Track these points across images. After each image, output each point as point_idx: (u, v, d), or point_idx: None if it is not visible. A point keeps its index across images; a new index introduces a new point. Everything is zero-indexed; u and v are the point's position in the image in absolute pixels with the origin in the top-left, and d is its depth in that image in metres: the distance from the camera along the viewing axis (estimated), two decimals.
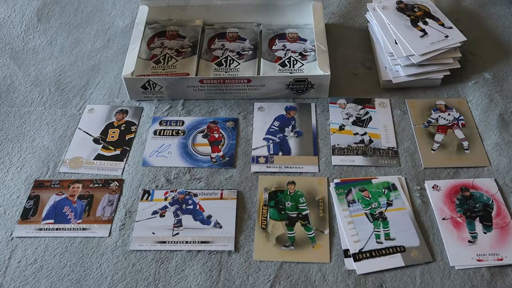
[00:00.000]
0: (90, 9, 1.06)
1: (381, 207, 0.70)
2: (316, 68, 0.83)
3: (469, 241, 0.66)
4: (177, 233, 0.68)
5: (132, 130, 0.82)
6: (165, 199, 0.72)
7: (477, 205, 0.70)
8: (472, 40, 0.91)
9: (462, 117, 0.82)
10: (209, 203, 0.71)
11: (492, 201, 0.70)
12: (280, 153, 0.78)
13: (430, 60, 0.84)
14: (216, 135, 0.81)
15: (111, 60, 0.94)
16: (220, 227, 0.69)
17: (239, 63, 0.89)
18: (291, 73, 0.86)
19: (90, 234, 0.69)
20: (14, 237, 0.69)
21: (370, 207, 0.70)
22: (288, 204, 0.71)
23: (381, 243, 0.66)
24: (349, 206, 0.70)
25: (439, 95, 0.86)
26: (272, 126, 0.82)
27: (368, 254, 0.65)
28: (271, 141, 0.80)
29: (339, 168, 0.76)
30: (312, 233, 0.68)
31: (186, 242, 0.67)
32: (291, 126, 0.82)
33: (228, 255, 0.66)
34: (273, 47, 0.91)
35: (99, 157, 0.78)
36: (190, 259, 0.66)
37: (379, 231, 0.68)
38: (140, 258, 0.66)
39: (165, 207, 0.71)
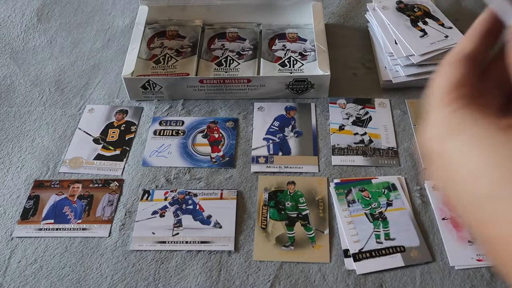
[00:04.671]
0: (90, 9, 1.06)
1: (381, 207, 0.70)
2: (316, 68, 0.83)
3: (469, 241, 0.66)
4: (177, 233, 0.68)
5: (132, 130, 0.82)
6: (165, 199, 0.72)
7: None
8: None
9: None
10: (209, 203, 0.71)
11: None
12: (280, 153, 0.78)
13: (430, 60, 0.84)
14: (216, 135, 0.81)
15: (111, 60, 0.94)
16: (220, 227, 0.69)
17: (239, 63, 0.89)
18: (291, 73, 0.86)
19: (90, 234, 0.69)
20: (14, 237, 0.69)
21: (370, 207, 0.70)
22: (288, 204, 0.71)
23: (381, 243, 0.66)
24: (349, 206, 0.70)
25: None
26: (272, 126, 0.82)
27: (368, 254, 0.65)
28: (271, 141, 0.80)
29: (339, 168, 0.76)
30: (312, 233, 0.68)
31: (186, 242, 0.67)
32: (291, 126, 0.82)
33: (228, 255, 0.66)
34: (273, 47, 0.91)
35: (99, 157, 0.78)
36: (190, 259, 0.66)
37: (379, 231, 0.68)
38: (140, 258, 0.66)
39: (165, 207, 0.71)
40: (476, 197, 0.24)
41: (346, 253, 0.66)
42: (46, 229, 0.69)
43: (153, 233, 0.68)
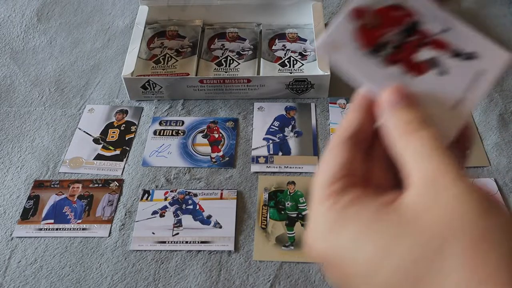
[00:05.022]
0: (90, 9, 1.06)
1: None
2: (316, 68, 0.83)
3: None
4: (177, 233, 0.68)
5: (132, 130, 0.82)
6: (165, 199, 0.72)
7: None
8: None
9: None
10: (209, 203, 0.71)
11: None
12: (280, 153, 0.78)
13: None
14: (216, 135, 0.81)
15: (111, 60, 0.94)
16: (220, 227, 0.69)
17: (239, 63, 0.89)
18: (291, 73, 0.86)
19: (90, 234, 0.69)
20: (14, 237, 0.69)
21: None
22: (288, 204, 0.71)
23: None
24: None
25: None
26: (272, 126, 0.82)
27: None
28: (271, 141, 0.80)
29: None
30: None
31: (186, 242, 0.67)
32: (291, 126, 0.82)
33: (228, 255, 0.66)
34: (273, 47, 0.92)
35: (99, 157, 0.78)
36: (190, 259, 0.66)
37: None
38: (140, 258, 0.66)
39: (165, 207, 0.71)
40: None
41: None
42: (46, 229, 0.69)
43: (153, 233, 0.68)
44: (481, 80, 0.29)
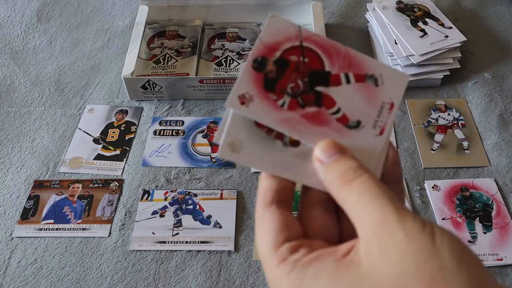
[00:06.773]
0: (90, 9, 1.06)
1: None
2: None
3: (469, 241, 0.66)
4: (177, 233, 0.68)
5: (132, 130, 0.82)
6: (165, 199, 0.72)
7: (477, 205, 0.70)
8: (472, 40, 0.91)
9: (462, 117, 0.82)
10: (209, 203, 0.71)
11: (492, 201, 0.71)
12: None
13: (430, 60, 0.84)
14: None
15: (111, 60, 0.94)
16: (220, 227, 0.69)
17: (239, 63, 0.89)
18: None
19: (90, 234, 0.69)
20: (14, 237, 0.69)
21: None
22: None
23: None
24: None
25: (439, 95, 0.86)
26: None
27: None
28: None
29: None
30: None
31: (186, 242, 0.67)
32: None
33: (228, 255, 0.66)
34: None
35: (99, 157, 0.78)
36: (190, 259, 0.66)
37: None
38: (140, 258, 0.66)
39: (165, 207, 0.71)
40: None
41: None
42: (46, 229, 0.69)
43: (153, 233, 0.68)
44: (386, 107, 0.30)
